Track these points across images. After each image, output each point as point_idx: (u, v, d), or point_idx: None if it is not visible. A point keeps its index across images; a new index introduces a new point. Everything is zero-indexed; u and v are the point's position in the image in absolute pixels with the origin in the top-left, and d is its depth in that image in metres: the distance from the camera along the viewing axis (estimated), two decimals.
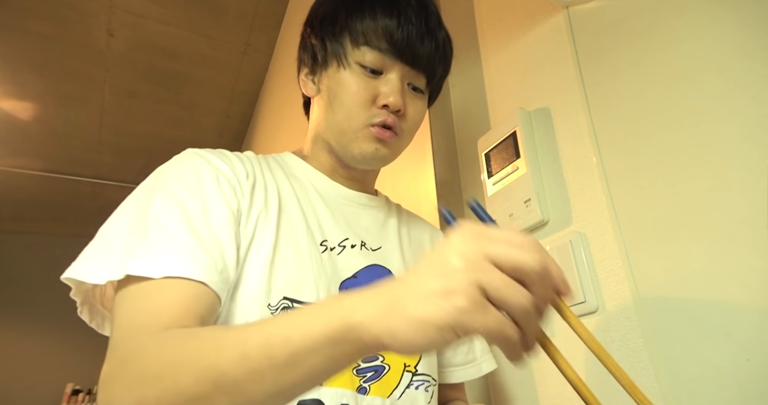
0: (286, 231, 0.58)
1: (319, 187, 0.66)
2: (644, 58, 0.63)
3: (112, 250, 0.48)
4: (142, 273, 0.45)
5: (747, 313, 0.49)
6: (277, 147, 2.44)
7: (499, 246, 0.31)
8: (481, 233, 0.32)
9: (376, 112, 0.61)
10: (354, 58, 0.61)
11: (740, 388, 0.48)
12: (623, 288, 0.62)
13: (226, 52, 2.79)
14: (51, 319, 4.18)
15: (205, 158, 0.57)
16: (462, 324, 0.29)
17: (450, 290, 0.30)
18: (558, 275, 0.33)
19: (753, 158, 0.50)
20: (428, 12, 0.63)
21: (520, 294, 0.30)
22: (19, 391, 3.88)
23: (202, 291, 0.46)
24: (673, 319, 0.56)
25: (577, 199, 0.71)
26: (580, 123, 0.71)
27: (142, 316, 0.44)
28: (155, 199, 0.51)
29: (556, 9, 0.78)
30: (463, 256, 0.31)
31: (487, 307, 0.30)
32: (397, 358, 0.59)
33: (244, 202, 0.56)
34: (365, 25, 0.61)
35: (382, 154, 0.63)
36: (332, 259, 0.60)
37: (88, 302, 0.54)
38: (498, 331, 0.30)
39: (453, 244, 0.32)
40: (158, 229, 0.48)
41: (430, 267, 0.32)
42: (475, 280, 0.30)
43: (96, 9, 2.41)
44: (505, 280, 0.30)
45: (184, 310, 0.44)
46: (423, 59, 0.62)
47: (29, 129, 3.15)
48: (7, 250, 4.31)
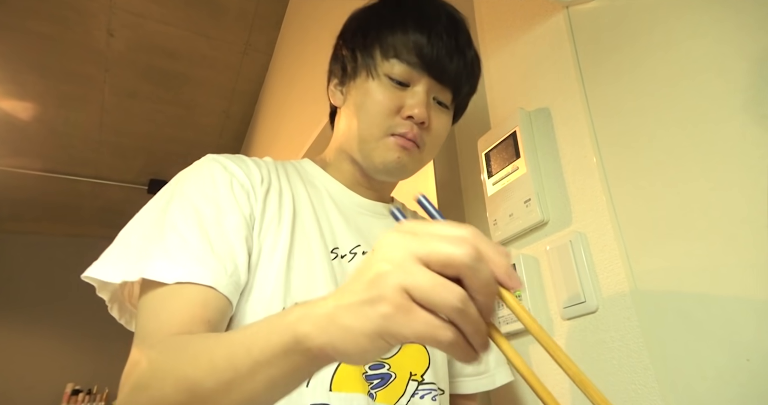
0: (300, 237, 0.59)
1: (334, 195, 0.68)
2: (644, 58, 0.63)
3: (130, 252, 0.51)
4: (156, 277, 0.47)
5: (747, 313, 0.49)
6: (277, 146, 2.45)
7: (426, 243, 0.29)
8: (410, 231, 0.31)
9: (399, 122, 0.62)
10: (383, 69, 0.63)
11: (740, 388, 0.48)
12: (623, 288, 0.62)
13: (226, 52, 2.79)
14: (51, 319, 4.18)
15: (222, 164, 0.59)
16: (388, 331, 0.29)
17: (374, 297, 0.29)
18: (500, 265, 0.30)
19: (753, 158, 0.50)
20: (459, 30, 0.65)
21: (448, 292, 0.28)
22: (19, 391, 3.88)
23: (211, 295, 0.48)
24: (673, 319, 0.56)
25: (577, 199, 0.71)
26: (580, 123, 0.72)
27: (153, 323, 0.47)
28: (173, 204, 0.54)
29: (556, 9, 0.78)
30: (389, 259, 0.30)
31: (414, 310, 0.28)
32: (402, 366, 0.59)
33: (257, 207, 0.58)
34: (396, 38, 0.62)
35: (404, 162, 0.63)
36: (342, 267, 0.61)
37: (117, 300, 0.56)
38: (428, 334, 0.29)
39: (381, 247, 0.31)
40: (173, 234, 0.51)
41: (360, 274, 0.31)
42: (398, 283, 0.29)
43: (96, 9, 2.41)
44: (432, 280, 0.29)
45: (192, 316, 0.46)
46: (451, 75, 0.63)
47: (29, 129, 3.15)
48: (7, 250, 4.32)
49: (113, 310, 0.57)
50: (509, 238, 0.81)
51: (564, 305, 0.69)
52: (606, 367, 0.63)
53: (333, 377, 0.53)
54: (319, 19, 1.85)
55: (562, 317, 0.70)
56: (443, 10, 0.65)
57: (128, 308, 0.58)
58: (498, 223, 0.82)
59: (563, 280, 0.69)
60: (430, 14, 0.63)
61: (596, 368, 0.64)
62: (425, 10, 0.64)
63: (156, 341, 0.44)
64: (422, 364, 0.61)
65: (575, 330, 0.68)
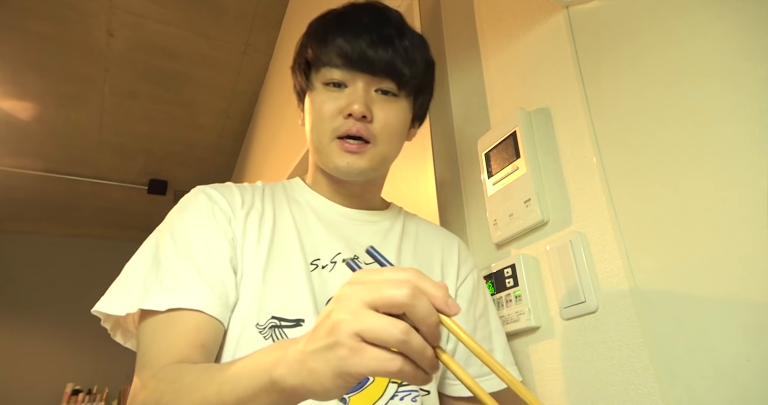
0: (278, 253, 0.62)
1: (316, 208, 0.70)
2: (644, 58, 0.63)
3: (132, 287, 0.56)
4: (150, 307, 0.53)
5: (747, 313, 0.49)
6: (277, 146, 2.45)
7: (373, 290, 0.34)
8: (361, 281, 0.36)
9: (341, 122, 0.64)
10: (317, 80, 0.67)
11: (740, 388, 0.48)
12: (623, 288, 0.62)
13: (226, 52, 2.79)
14: (51, 319, 4.18)
15: (207, 194, 0.64)
16: (345, 371, 0.33)
17: (332, 343, 0.34)
18: (438, 297, 0.35)
19: (753, 158, 0.50)
20: (381, 24, 0.67)
21: (392, 327, 0.33)
22: (19, 391, 3.88)
23: (202, 319, 0.54)
24: (673, 319, 0.56)
25: (577, 199, 0.71)
26: (580, 123, 0.71)
27: (151, 351, 0.52)
28: (165, 239, 0.59)
29: (556, 9, 0.78)
30: (343, 309, 0.35)
31: (364, 350, 0.33)
32: None
33: (238, 229, 0.62)
34: (320, 49, 0.66)
35: (357, 166, 0.65)
36: (322, 277, 0.63)
37: (120, 327, 0.62)
38: (379, 368, 0.33)
39: (338, 298, 0.36)
40: (167, 270, 0.56)
41: (322, 324, 0.36)
42: (350, 329, 0.33)
43: (96, 9, 2.41)
44: (378, 321, 0.33)
45: (187, 342, 0.52)
46: (381, 65, 0.65)
47: (29, 129, 3.15)
48: (7, 250, 4.31)
49: (117, 336, 0.63)
50: (509, 238, 0.81)
51: (564, 305, 0.69)
52: (606, 367, 0.63)
53: None
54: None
55: (562, 317, 0.70)
56: (366, 10, 0.68)
57: (133, 332, 0.62)
58: (498, 223, 0.82)
59: (563, 280, 0.69)
60: (348, 19, 0.67)
61: (596, 368, 0.64)
62: (346, 17, 0.68)
63: (157, 369, 0.49)
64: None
65: (575, 330, 0.68)
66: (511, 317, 0.77)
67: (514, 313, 0.76)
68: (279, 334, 0.57)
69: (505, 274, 0.79)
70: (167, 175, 3.84)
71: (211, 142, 3.49)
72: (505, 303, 0.79)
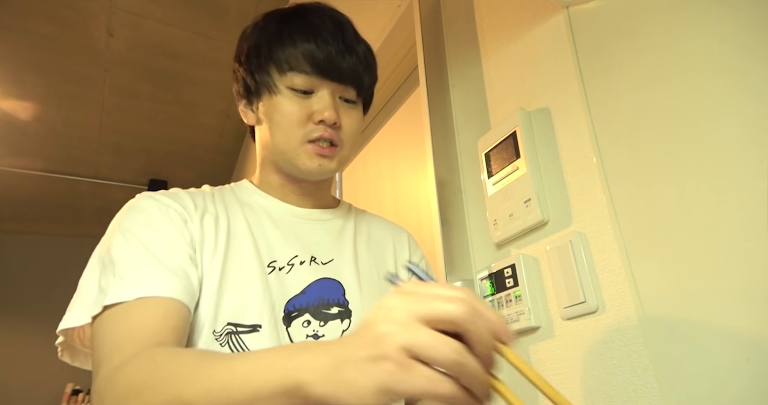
0: (233, 258, 0.61)
1: (269, 210, 0.70)
2: (644, 58, 0.63)
3: (89, 294, 0.54)
4: (117, 300, 0.50)
5: (747, 313, 0.49)
6: None
7: (425, 303, 0.32)
8: (410, 293, 0.33)
9: (312, 128, 0.65)
10: (283, 83, 0.65)
11: (740, 388, 0.48)
12: (623, 288, 0.62)
13: (226, 52, 2.79)
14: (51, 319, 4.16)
15: (154, 198, 0.62)
16: (391, 387, 0.30)
17: (377, 356, 0.31)
18: (495, 322, 0.33)
19: (753, 157, 0.50)
20: (344, 30, 0.68)
21: (448, 348, 0.31)
22: (19, 391, 3.88)
23: (172, 305, 0.52)
24: (673, 319, 0.56)
25: (577, 199, 0.71)
26: (580, 123, 0.71)
27: (121, 335, 0.49)
28: (115, 241, 0.57)
29: (556, 9, 0.78)
30: (391, 320, 0.32)
31: (414, 367, 0.30)
32: None
33: (196, 232, 0.61)
34: (287, 52, 0.65)
35: (327, 167, 0.66)
36: (280, 279, 0.63)
37: (67, 347, 0.60)
38: (429, 389, 0.30)
39: (383, 309, 0.33)
40: (124, 264, 0.54)
41: (364, 334, 0.33)
42: (399, 343, 0.31)
43: (96, 9, 2.41)
44: (431, 337, 0.31)
45: (158, 324, 0.49)
46: (347, 73, 0.66)
47: (29, 129, 3.15)
48: (7, 250, 4.31)
49: (64, 356, 0.61)
50: (509, 238, 0.81)
51: (564, 305, 0.69)
52: (606, 367, 0.63)
53: None
54: None
55: (562, 317, 0.70)
56: (326, 15, 0.68)
57: (80, 350, 0.61)
58: (498, 223, 0.82)
59: (563, 280, 0.69)
60: (314, 23, 0.66)
61: (596, 368, 0.64)
62: (308, 19, 0.67)
63: (134, 351, 0.46)
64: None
65: (575, 330, 0.68)
66: (511, 317, 0.77)
67: (514, 313, 0.76)
68: (236, 340, 0.56)
69: (505, 274, 0.79)
70: (167, 175, 3.84)
71: (211, 142, 3.49)
72: (505, 303, 0.79)
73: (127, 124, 3.23)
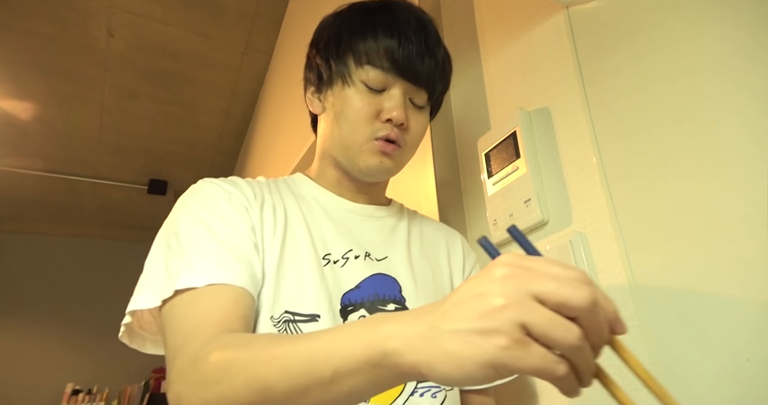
0: (290, 248, 0.61)
1: (324, 204, 0.69)
2: (644, 58, 0.63)
3: (157, 276, 0.54)
4: (188, 285, 0.50)
5: (747, 313, 0.49)
6: (277, 146, 2.44)
7: (543, 282, 0.30)
8: (524, 268, 0.31)
9: (379, 126, 0.64)
10: (358, 76, 0.64)
11: (740, 388, 0.48)
12: (623, 288, 0.62)
13: (226, 52, 2.79)
14: (51, 319, 4.18)
15: (218, 185, 0.62)
16: (503, 363, 0.29)
17: (489, 330, 0.30)
18: (611, 310, 0.32)
19: (753, 158, 0.50)
20: (427, 31, 0.66)
21: (567, 330, 0.29)
22: (19, 391, 3.88)
23: (240, 293, 0.51)
24: (673, 319, 0.56)
25: (577, 199, 0.71)
26: (580, 123, 0.71)
27: (192, 322, 0.48)
28: (182, 224, 0.57)
29: (556, 9, 0.78)
30: (504, 293, 0.30)
31: (530, 345, 0.29)
32: None
33: (256, 221, 0.60)
34: (367, 45, 0.64)
35: (386, 166, 0.66)
36: (335, 272, 0.62)
37: (128, 328, 0.59)
38: (544, 369, 0.29)
39: (494, 280, 0.31)
40: (192, 248, 0.54)
41: (471, 303, 0.31)
42: (516, 318, 0.29)
43: (96, 9, 2.41)
44: (549, 317, 0.29)
45: (228, 313, 0.49)
46: (423, 76, 0.65)
47: (29, 129, 3.15)
48: (7, 250, 4.31)
49: (123, 337, 0.60)
50: (509, 238, 0.81)
51: None
52: (606, 367, 0.63)
53: None
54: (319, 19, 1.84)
55: None
56: (411, 13, 0.67)
57: (138, 333, 0.61)
58: (498, 223, 0.82)
59: None
60: (399, 19, 0.65)
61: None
62: (394, 15, 0.65)
63: (207, 337, 0.45)
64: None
65: None
66: None
67: None
68: (293, 328, 0.56)
69: None
70: (167, 175, 3.84)
71: (211, 142, 3.49)
72: None
73: (127, 124, 3.23)
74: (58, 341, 4.14)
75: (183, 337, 0.47)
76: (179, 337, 0.48)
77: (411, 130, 0.67)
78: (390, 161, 0.66)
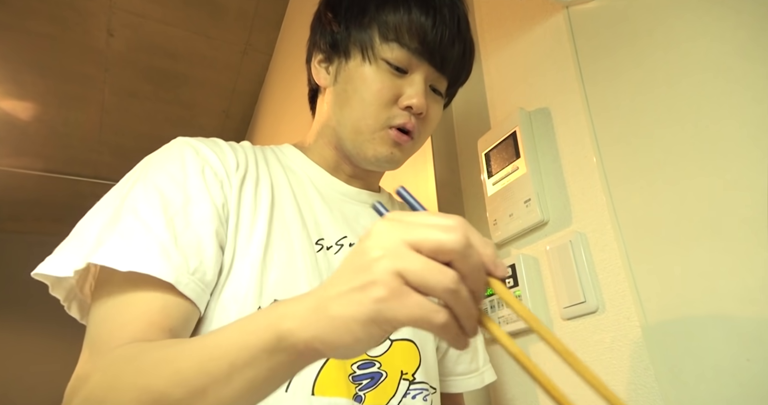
0: (278, 228, 0.55)
1: (317, 182, 0.63)
2: (644, 58, 0.63)
3: (84, 242, 0.45)
4: (106, 262, 0.42)
5: (747, 313, 0.49)
6: None
7: (417, 230, 0.30)
8: (399, 220, 0.31)
9: (397, 113, 0.59)
10: (381, 53, 0.57)
11: (740, 388, 0.48)
12: (623, 288, 0.62)
13: (226, 52, 2.79)
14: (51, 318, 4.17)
15: (194, 148, 0.54)
16: (383, 315, 0.28)
17: (367, 283, 0.29)
18: (487, 255, 0.31)
19: (753, 158, 0.50)
20: (460, 14, 0.60)
21: (442, 275, 0.28)
22: (19, 391, 3.88)
23: (171, 300, 0.43)
24: (673, 318, 0.56)
25: (577, 199, 0.71)
26: (580, 123, 0.71)
27: (104, 329, 0.43)
28: (136, 187, 0.49)
29: (556, 9, 0.78)
30: (380, 245, 0.30)
31: (408, 293, 0.28)
32: (393, 364, 0.56)
33: (232, 198, 0.53)
34: (398, 19, 0.57)
35: (396, 157, 0.61)
36: (328, 259, 0.57)
37: (76, 298, 0.51)
38: (422, 317, 0.28)
39: (371, 235, 0.31)
40: (131, 217, 0.45)
41: (350, 262, 0.31)
42: (392, 268, 0.29)
43: (96, 9, 2.41)
44: (425, 263, 0.29)
45: (149, 323, 0.42)
46: (450, 63, 0.60)
47: (29, 129, 3.15)
48: (7, 250, 4.31)
49: (72, 309, 0.51)
50: (509, 238, 0.81)
51: (564, 305, 0.69)
52: (606, 366, 0.63)
53: (316, 380, 0.49)
54: None
55: (562, 317, 0.70)
56: None
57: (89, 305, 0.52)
58: (498, 223, 0.82)
59: (563, 280, 0.69)
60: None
61: (596, 368, 0.64)
62: None
63: (108, 350, 0.40)
64: (413, 362, 0.59)
65: (575, 330, 0.68)
66: (512, 317, 0.77)
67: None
68: None
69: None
70: None
71: None
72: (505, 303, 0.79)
73: (127, 124, 3.23)
74: (58, 341, 4.14)
75: (88, 346, 0.43)
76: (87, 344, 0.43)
77: (428, 119, 0.61)
78: (400, 153, 0.61)
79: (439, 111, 0.64)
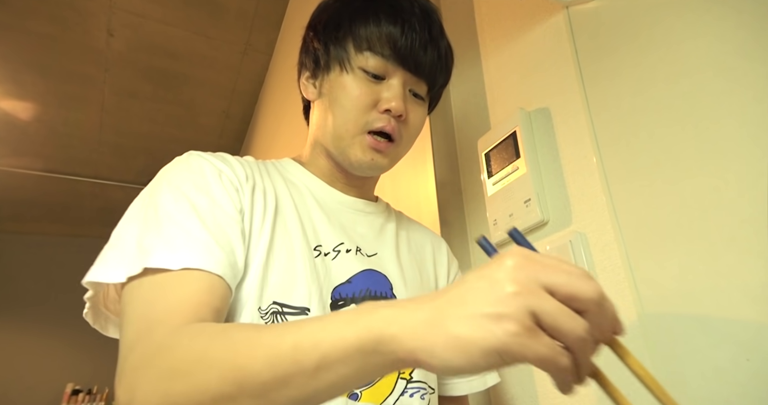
0: (281, 235, 0.58)
1: (315, 193, 0.66)
2: (644, 58, 0.63)
3: (126, 249, 0.48)
4: (161, 265, 0.45)
5: (747, 313, 0.49)
6: (277, 147, 2.45)
7: (554, 273, 0.30)
8: (533, 259, 0.31)
9: (376, 117, 0.61)
10: (357, 62, 0.61)
11: (740, 388, 0.48)
12: (623, 288, 0.62)
13: (226, 52, 2.79)
14: (51, 318, 4.18)
15: (207, 160, 0.57)
16: (510, 350, 0.29)
17: (501, 315, 0.29)
18: (614, 311, 0.32)
19: (753, 158, 0.50)
20: (432, 21, 0.64)
21: (576, 322, 0.29)
22: (19, 391, 3.88)
23: (216, 283, 0.47)
24: (673, 319, 0.56)
25: (577, 199, 0.71)
26: (580, 123, 0.71)
27: (160, 309, 0.44)
28: (163, 196, 0.51)
29: (556, 9, 0.78)
30: (517, 281, 0.30)
31: (539, 334, 0.29)
32: None
33: (246, 203, 0.56)
34: (369, 31, 0.61)
35: (378, 163, 0.63)
36: (326, 264, 0.59)
37: (93, 304, 0.54)
38: (550, 359, 0.29)
39: (505, 269, 0.31)
40: (171, 224, 0.49)
41: (480, 289, 0.31)
42: (528, 306, 0.29)
43: (96, 9, 2.41)
44: (560, 308, 0.30)
45: (200, 302, 0.44)
46: (425, 67, 0.63)
47: (29, 129, 3.15)
48: (7, 250, 4.32)
49: (88, 314, 0.55)
50: (509, 239, 0.81)
51: None
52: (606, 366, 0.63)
53: None
54: None
55: None
56: (416, 1, 0.64)
57: (102, 312, 0.56)
58: (498, 223, 0.82)
59: None
60: (402, 6, 0.62)
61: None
62: (398, 1, 0.63)
63: (174, 326, 0.41)
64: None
65: None
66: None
67: None
68: (282, 320, 0.52)
69: None
70: None
71: (211, 142, 3.49)
72: None
73: (127, 124, 3.23)
74: (58, 341, 4.15)
75: (147, 323, 0.43)
76: (142, 322, 0.43)
77: (409, 123, 0.64)
78: (383, 158, 0.63)
79: (421, 114, 0.66)
